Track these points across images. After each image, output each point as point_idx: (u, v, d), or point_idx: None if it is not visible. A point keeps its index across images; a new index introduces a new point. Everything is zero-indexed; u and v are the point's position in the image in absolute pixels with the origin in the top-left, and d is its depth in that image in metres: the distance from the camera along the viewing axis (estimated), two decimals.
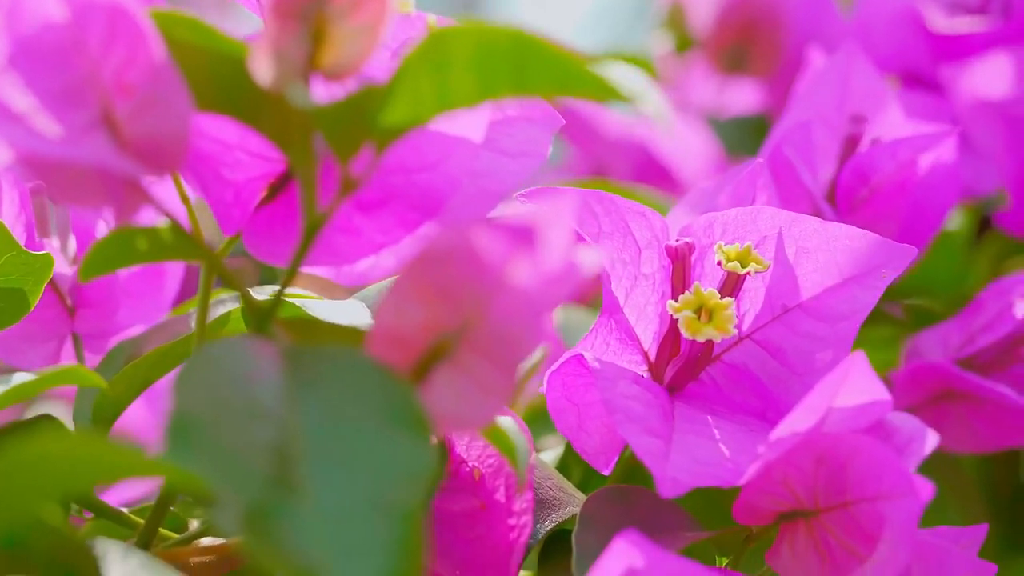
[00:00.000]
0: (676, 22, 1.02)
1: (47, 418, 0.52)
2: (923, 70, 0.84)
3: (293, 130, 0.45)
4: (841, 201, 0.67)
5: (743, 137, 0.99)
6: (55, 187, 0.44)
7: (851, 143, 0.68)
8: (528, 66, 0.43)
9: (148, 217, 0.50)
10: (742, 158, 0.98)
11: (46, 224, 0.61)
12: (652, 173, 0.95)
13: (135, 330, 0.63)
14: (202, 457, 0.39)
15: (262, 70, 0.45)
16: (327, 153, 0.46)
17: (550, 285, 0.42)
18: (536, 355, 0.75)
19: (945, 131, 0.66)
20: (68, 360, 0.61)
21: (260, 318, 0.47)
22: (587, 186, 0.83)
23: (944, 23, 0.83)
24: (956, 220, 0.88)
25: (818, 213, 0.66)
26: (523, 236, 0.42)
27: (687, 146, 0.94)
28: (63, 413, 0.62)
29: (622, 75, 0.42)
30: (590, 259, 0.42)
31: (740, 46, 0.97)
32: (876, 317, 0.79)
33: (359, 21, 0.45)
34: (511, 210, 0.52)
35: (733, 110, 0.99)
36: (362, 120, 0.44)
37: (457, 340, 0.43)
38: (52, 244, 0.62)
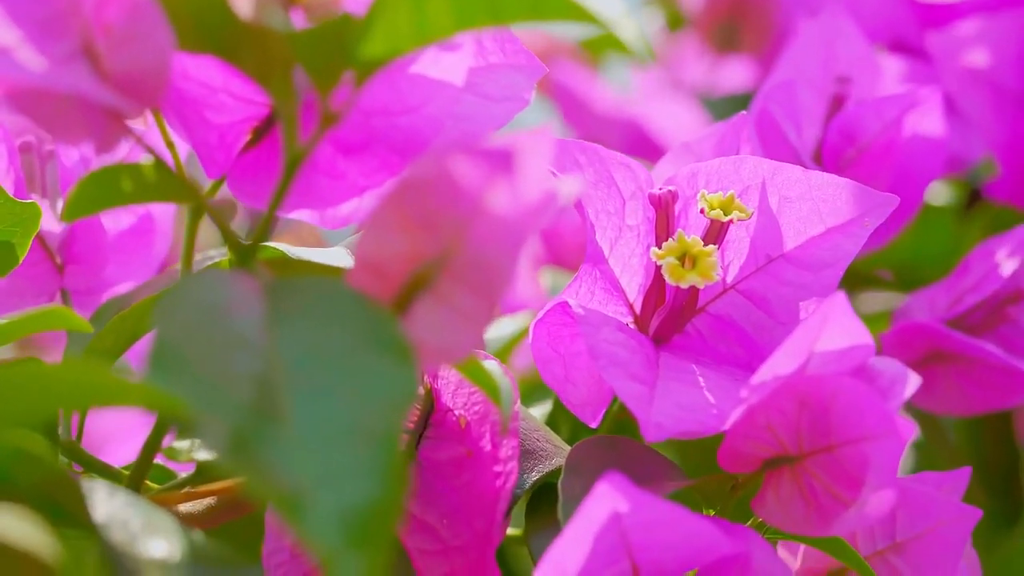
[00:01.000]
0: (666, 0, 1.02)
1: (32, 359, 0.52)
2: (910, 38, 0.84)
3: (274, 65, 0.46)
4: (827, 160, 0.68)
5: (734, 114, 0.99)
6: (37, 118, 0.44)
7: (836, 103, 0.68)
8: None
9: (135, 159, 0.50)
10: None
11: (34, 180, 0.62)
12: (644, 150, 0.95)
13: (125, 287, 0.63)
14: (185, 383, 0.39)
15: (242, 3, 0.45)
16: (308, 90, 0.46)
17: (528, 212, 0.42)
18: (521, 324, 0.75)
19: (930, 91, 0.66)
20: None
21: (243, 256, 0.47)
22: None
23: None
24: (946, 194, 0.89)
25: None
26: (501, 163, 0.42)
27: (679, 123, 0.94)
28: None
29: (598, 2, 0.42)
30: (568, 188, 0.42)
31: (731, 24, 0.98)
32: (867, 280, 0.79)
33: None
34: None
35: (725, 88, 0.99)
36: (341, 50, 0.44)
37: (437, 269, 0.43)
38: (42, 201, 0.62)
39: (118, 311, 0.61)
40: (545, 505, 0.57)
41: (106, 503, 0.45)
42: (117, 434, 0.85)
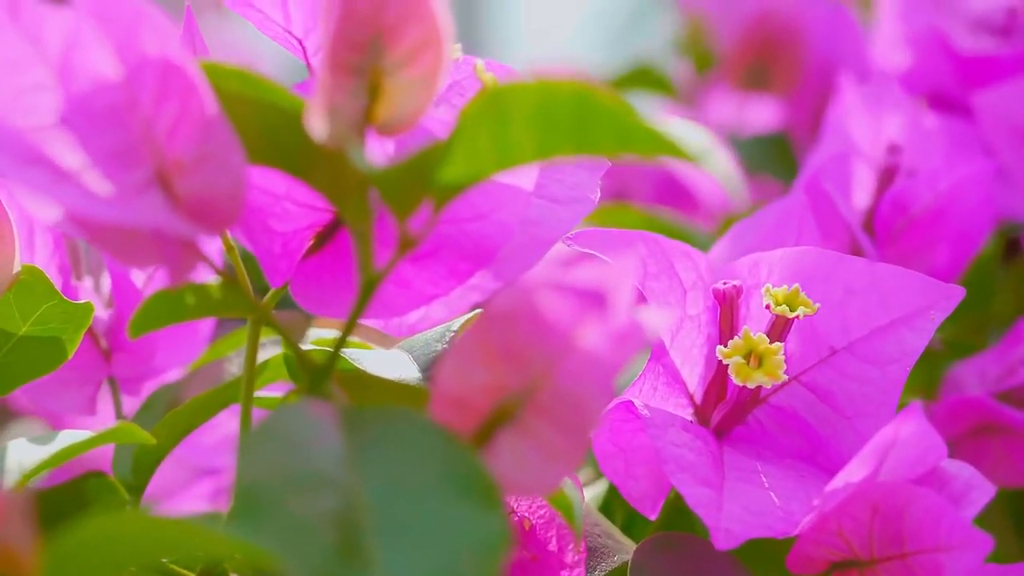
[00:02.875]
0: (694, 40, 1.01)
1: (96, 475, 0.51)
2: (949, 90, 0.83)
3: (348, 186, 0.45)
4: (880, 232, 0.67)
5: (763, 155, 0.98)
6: (106, 246, 0.43)
7: (888, 173, 0.67)
8: (590, 124, 0.42)
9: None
10: (762, 177, 0.97)
11: (79, 265, 0.61)
12: (673, 194, 0.94)
13: (172, 374, 0.62)
14: (268, 530, 0.38)
15: (317, 125, 0.44)
16: (381, 207, 0.45)
17: (617, 347, 0.41)
18: None
19: (984, 164, 0.66)
20: (104, 404, 0.61)
21: (316, 376, 0.46)
22: (612, 213, 0.82)
23: (969, 44, 0.82)
24: (983, 241, 0.88)
25: (856, 245, 0.66)
26: (591, 297, 0.41)
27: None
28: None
29: (684, 133, 0.41)
30: (655, 320, 0.41)
31: (760, 64, 0.97)
32: None
33: (415, 74, 0.44)
34: (560, 254, 0.52)
35: (753, 128, 0.99)
36: (421, 179, 0.43)
37: (522, 403, 0.42)
38: (85, 285, 0.61)
39: (168, 400, 0.60)
40: None
41: None
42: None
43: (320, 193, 0.46)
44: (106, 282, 0.62)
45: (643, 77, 1.00)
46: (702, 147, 0.41)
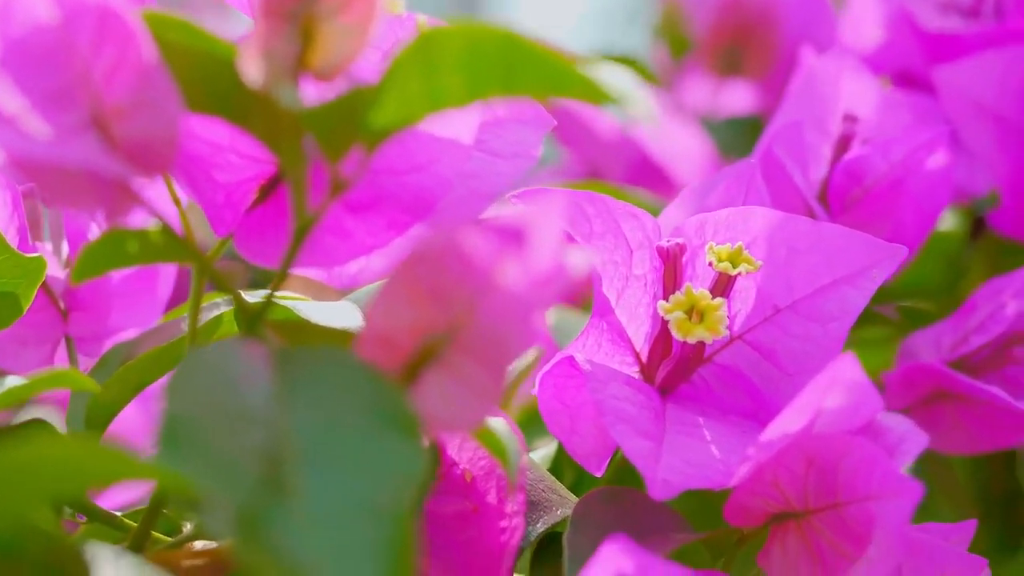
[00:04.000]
0: (670, 24, 1.02)
1: (38, 422, 0.52)
2: (915, 70, 0.84)
3: (283, 131, 0.45)
4: (833, 201, 0.67)
5: (737, 138, 0.99)
6: (46, 189, 0.44)
7: (843, 143, 0.68)
8: (517, 67, 0.43)
9: (141, 219, 0.50)
10: (736, 159, 0.98)
11: (39, 227, 0.61)
12: (646, 174, 0.95)
13: (129, 334, 0.63)
14: (193, 460, 0.39)
15: (252, 70, 0.45)
16: (317, 154, 0.46)
17: (539, 286, 0.42)
18: (529, 357, 0.75)
19: (938, 132, 0.66)
20: (61, 363, 0.61)
21: (250, 320, 0.47)
22: (580, 187, 0.83)
23: (936, 23, 0.83)
24: (950, 221, 0.88)
25: (810, 213, 0.66)
26: (512, 236, 0.42)
27: (681, 147, 0.94)
28: (55, 418, 0.62)
29: (611, 76, 0.42)
30: (579, 260, 0.42)
31: (735, 48, 0.98)
32: (869, 318, 0.79)
33: (348, 20, 0.45)
34: (503, 211, 0.52)
35: (727, 111, 0.99)
36: (352, 121, 0.44)
37: (446, 342, 0.43)
38: (45, 248, 0.62)
39: (123, 358, 0.61)
40: (550, 556, 0.57)
41: (111, 569, 0.45)
42: None
43: (256, 138, 0.46)
44: (65, 246, 0.63)
45: (617, 62, 1.00)
46: (626, 89, 0.42)
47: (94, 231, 0.62)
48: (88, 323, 0.61)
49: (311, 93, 0.46)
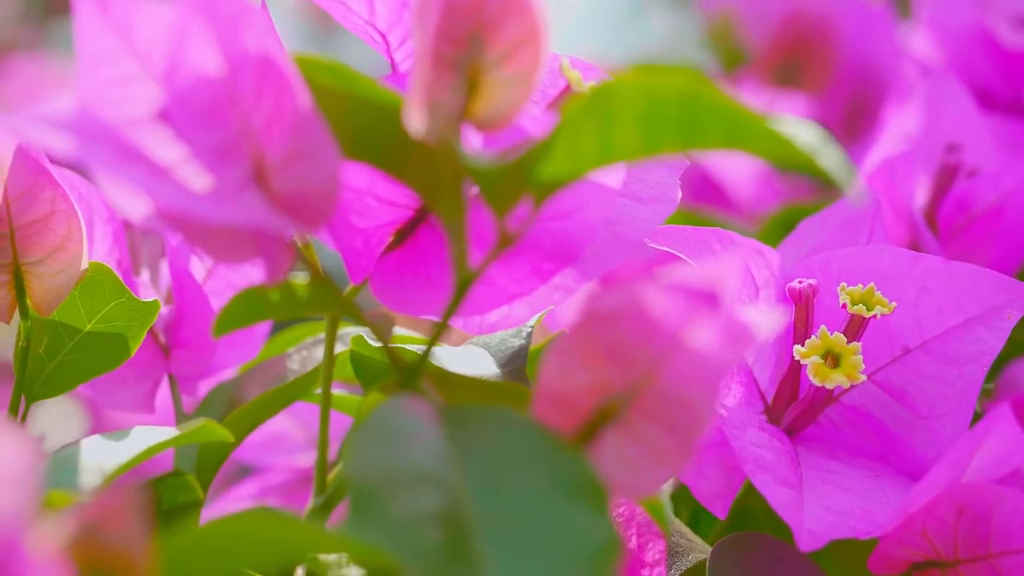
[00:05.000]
0: (722, 38, 1.01)
1: (174, 475, 0.50)
2: (991, 86, 0.83)
3: (442, 182, 0.44)
4: (941, 230, 0.66)
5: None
6: (200, 243, 0.43)
7: (948, 172, 0.67)
8: (698, 121, 0.41)
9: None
10: (793, 176, 0.97)
11: (139, 259, 0.60)
12: (706, 193, 0.93)
13: (230, 371, 0.61)
14: (380, 529, 0.38)
15: (414, 120, 0.43)
16: (478, 205, 0.44)
17: (726, 347, 0.41)
18: None
19: None
20: (162, 400, 0.60)
21: (408, 374, 0.45)
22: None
23: (1014, 39, 0.82)
24: None
25: (919, 242, 0.65)
26: (701, 296, 0.40)
27: (740, 165, 0.93)
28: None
29: (799, 131, 0.41)
30: (767, 321, 0.41)
31: (792, 61, 0.96)
32: None
33: (514, 70, 0.44)
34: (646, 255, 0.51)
35: None
36: (522, 174, 0.42)
37: (626, 403, 0.41)
38: (143, 280, 0.60)
39: (229, 397, 0.59)
40: None
41: None
42: None
43: (413, 189, 0.45)
44: (164, 276, 0.61)
45: (660, 67, 0.99)
46: (813, 142, 0.40)
47: (195, 265, 0.60)
48: (191, 361, 0.59)
49: (474, 144, 0.45)
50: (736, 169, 0.93)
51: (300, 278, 0.46)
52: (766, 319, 0.41)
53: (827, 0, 0.97)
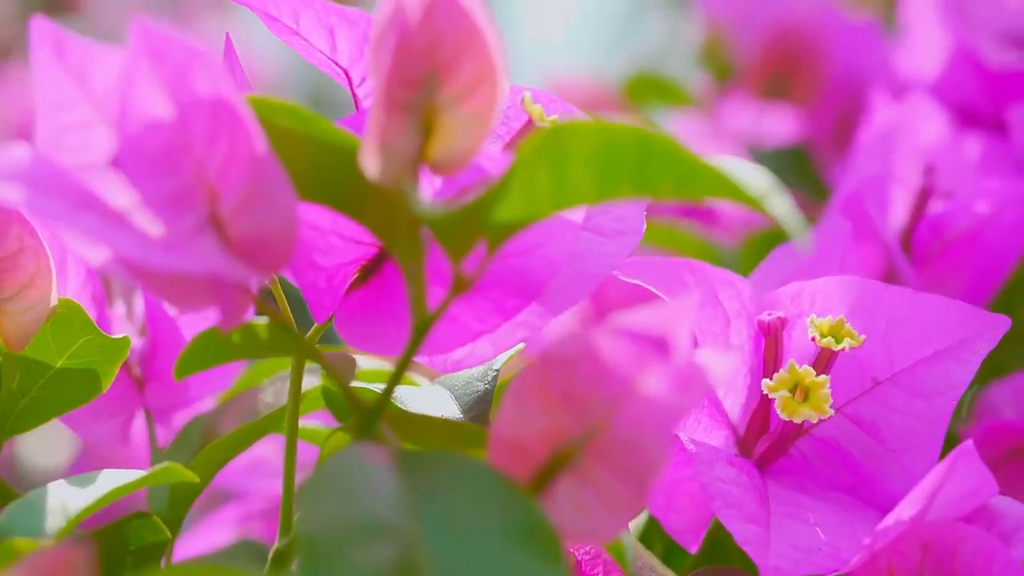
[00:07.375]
0: (713, 51, 1.01)
1: (139, 516, 0.50)
2: (975, 104, 0.83)
3: (400, 225, 0.44)
4: (915, 255, 0.66)
5: (782, 167, 0.97)
6: (158, 291, 0.43)
7: (924, 195, 0.67)
8: (650, 165, 0.41)
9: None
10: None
11: (111, 293, 0.60)
12: (694, 208, 0.93)
13: (206, 402, 0.61)
14: None
15: (371, 164, 0.43)
16: (432, 244, 0.44)
17: (679, 392, 0.41)
18: None
19: (1021, 187, 0.65)
20: (138, 432, 0.60)
21: (367, 418, 0.45)
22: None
23: (997, 58, 0.81)
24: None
25: (894, 267, 0.65)
26: (651, 343, 0.40)
27: None
28: None
29: (747, 175, 0.41)
30: (719, 364, 0.41)
31: (781, 75, 0.96)
32: None
33: (470, 110, 0.44)
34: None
35: (772, 140, 0.98)
36: (476, 219, 0.42)
37: (580, 449, 0.41)
38: (117, 313, 0.60)
39: (202, 431, 0.59)
40: None
41: None
42: None
43: (370, 231, 0.45)
44: (138, 308, 0.61)
45: (653, 86, 0.99)
46: (763, 188, 0.40)
47: None
48: (165, 394, 0.59)
49: (430, 188, 0.45)
50: None
51: (262, 319, 0.46)
52: (719, 363, 0.41)
53: (816, 15, 0.96)
